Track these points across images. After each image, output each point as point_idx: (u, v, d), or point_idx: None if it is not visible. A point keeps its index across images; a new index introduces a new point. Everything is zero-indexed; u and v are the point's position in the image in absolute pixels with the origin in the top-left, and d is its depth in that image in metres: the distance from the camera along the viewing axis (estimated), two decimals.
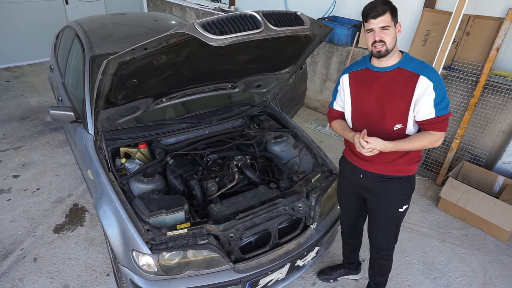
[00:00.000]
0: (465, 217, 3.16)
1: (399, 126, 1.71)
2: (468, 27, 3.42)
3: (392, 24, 1.61)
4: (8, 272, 2.51)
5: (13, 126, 4.35)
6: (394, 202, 1.90)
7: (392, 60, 1.69)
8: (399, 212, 1.91)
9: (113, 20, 3.38)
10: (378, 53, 1.65)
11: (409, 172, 1.86)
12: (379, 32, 1.61)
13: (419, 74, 1.63)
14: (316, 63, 4.94)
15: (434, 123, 1.66)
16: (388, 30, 1.61)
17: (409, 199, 1.92)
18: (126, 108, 2.21)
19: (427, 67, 1.66)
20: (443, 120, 1.66)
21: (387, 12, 1.59)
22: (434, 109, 1.63)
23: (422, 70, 1.63)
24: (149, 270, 1.77)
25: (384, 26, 1.60)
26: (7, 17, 5.91)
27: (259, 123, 2.85)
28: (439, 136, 1.69)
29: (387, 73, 1.70)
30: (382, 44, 1.62)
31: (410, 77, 1.65)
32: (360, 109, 1.82)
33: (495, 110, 3.35)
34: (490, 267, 2.74)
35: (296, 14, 1.78)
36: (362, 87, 1.79)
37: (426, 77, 1.61)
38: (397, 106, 1.68)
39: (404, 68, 1.67)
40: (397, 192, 1.87)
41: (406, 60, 1.69)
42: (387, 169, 1.84)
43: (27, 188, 3.32)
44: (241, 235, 1.91)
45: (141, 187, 2.07)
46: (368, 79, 1.76)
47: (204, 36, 1.49)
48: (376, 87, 1.73)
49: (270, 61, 2.33)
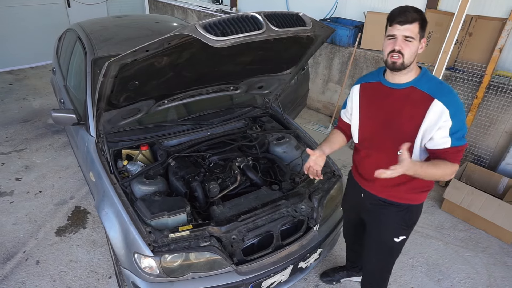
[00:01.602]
0: (469, 219, 3.14)
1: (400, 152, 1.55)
2: (471, 28, 3.41)
3: (418, 37, 1.45)
4: (11, 274, 2.50)
5: (15, 128, 4.36)
6: (390, 230, 1.79)
7: (407, 77, 1.54)
8: (394, 242, 1.80)
9: (115, 23, 3.39)
10: (392, 64, 1.49)
11: (413, 201, 1.72)
12: (401, 41, 1.44)
13: (433, 97, 1.46)
14: (318, 64, 4.94)
15: (450, 153, 1.49)
16: (411, 42, 1.44)
17: (408, 230, 1.79)
18: (128, 110, 2.21)
19: (444, 89, 1.49)
20: (459, 151, 1.50)
21: (417, 22, 1.42)
22: (450, 138, 1.47)
23: (438, 93, 1.47)
24: (151, 273, 1.77)
25: (408, 37, 1.43)
26: (10, 20, 5.93)
27: (261, 125, 2.85)
28: (455, 168, 1.51)
29: (399, 90, 1.55)
30: (399, 56, 1.46)
31: (422, 99, 1.49)
32: (367, 126, 1.71)
33: (499, 110, 3.33)
34: (495, 269, 2.72)
35: (298, 15, 1.77)
36: (371, 102, 1.67)
37: (441, 102, 1.45)
38: (404, 129, 1.54)
39: (418, 88, 1.51)
40: (395, 220, 1.75)
41: (422, 78, 1.53)
42: (389, 194, 1.73)
43: (30, 191, 3.32)
44: (243, 237, 1.90)
45: (143, 189, 2.07)
46: (378, 93, 1.63)
47: (206, 37, 1.48)
48: (385, 104, 1.60)
49: (272, 62, 2.33)
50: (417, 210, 1.77)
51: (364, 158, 1.79)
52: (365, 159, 1.79)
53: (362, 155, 1.81)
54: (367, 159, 1.78)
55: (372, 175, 1.64)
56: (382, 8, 4.24)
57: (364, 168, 1.82)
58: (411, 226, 1.79)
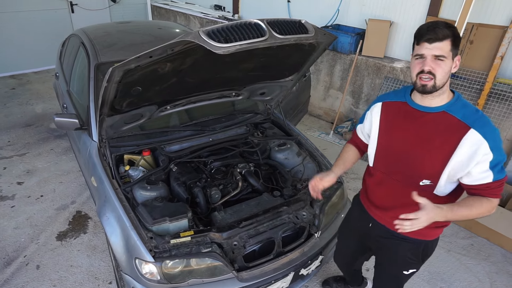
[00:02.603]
0: (471, 226, 3.13)
1: (427, 182, 1.42)
2: (472, 36, 3.43)
3: (450, 55, 1.29)
4: (11, 279, 2.50)
5: (18, 133, 4.37)
6: (400, 264, 1.67)
7: (438, 100, 1.38)
8: (403, 274, 1.70)
9: (118, 28, 3.42)
10: (422, 87, 1.33)
11: (429, 237, 1.58)
12: (431, 61, 1.29)
13: (469, 127, 1.30)
14: (320, 71, 4.95)
15: (492, 188, 1.34)
16: (443, 62, 1.29)
17: (419, 264, 1.66)
18: (131, 116, 2.22)
19: (481, 117, 1.32)
20: (501, 185, 1.34)
21: (448, 39, 1.27)
22: (491, 172, 1.30)
23: (475, 122, 1.30)
24: (152, 279, 1.76)
25: (439, 56, 1.28)
26: (14, 25, 5.98)
27: (262, 131, 2.85)
28: (496, 203, 1.36)
29: (429, 114, 1.39)
30: (430, 77, 1.30)
31: (457, 127, 1.33)
32: (386, 149, 1.55)
33: (500, 118, 3.33)
34: (497, 277, 2.70)
35: (300, 22, 1.78)
36: (394, 123, 1.51)
37: (479, 133, 1.29)
38: (432, 158, 1.38)
39: (451, 114, 1.35)
40: (405, 255, 1.62)
41: (456, 103, 1.37)
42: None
43: (31, 195, 3.32)
44: (244, 243, 1.90)
45: (145, 195, 2.07)
46: (403, 115, 1.47)
47: (209, 44, 1.49)
48: (412, 128, 1.43)
49: (274, 69, 2.34)
50: (433, 245, 1.63)
51: (378, 184, 1.63)
52: (379, 186, 1.63)
53: (375, 180, 1.64)
54: (381, 186, 1.62)
55: (384, 204, 1.58)
56: (384, 16, 4.27)
57: (375, 194, 1.67)
58: (424, 260, 1.67)
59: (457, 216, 1.35)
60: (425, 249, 1.62)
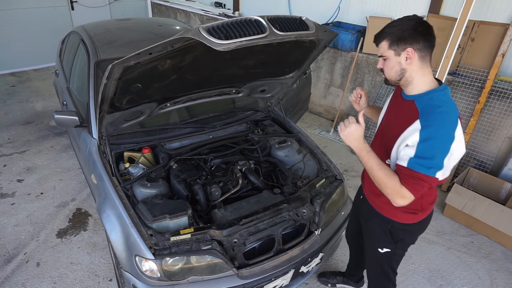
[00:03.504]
0: (471, 224, 3.13)
1: (388, 161, 1.56)
2: (473, 33, 3.42)
3: (391, 54, 1.41)
4: (11, 276, 2.50)
5: (18, 130, 4.37)
6: (374, 239, 1.80)
7: (412, 89, 1.47)
8: (378, 252, 1.79)
9: (118, 26, 3.41)
10: (384, 81, 1.54)
11: (395, 218, 1.66)
12: (380, 60, 1.48)
13: (418, 118, 1.38)
14: (320, 68, 4.94)
15: (402, 174, 1.40)
16: (386, 60, 1.44)
17: (392, 245, 1.74)
18: (130, 113, 2.21)
19: (437, 113, 1.35)
20: (413, 177, 1.37)
21: (384, 41, 1.41)
22: (410, 159, 1.37)
23: (425, 114, 1.37)
24: (152, 276, 1.76)
25: (381, 56, 1.45)
26: (14, 22, 5.96)
27: (263, 128, 2.85)
28: (403, 191, 1.39)
29: (404, 101, 1.51)
30: (382, 73, 1.51)
31: (412, 116, 1.41)
32: (380, 127, 1.72)
33: (501, 116, 3.33)
34: (497, 275, 2.70)
35: (301, 19, 1.78)
36: (390, 106, 1.68)
37: (420, 124, 1.36)
38: (389, 139, 1.52)
39: (415, 104, 1.43)
40: (378, 230, 1.75)
41: (425, 96, 1.43)
42: (374, 201, 1.74)
43: (31, 193, 3.32)
44: (244, 240, 1.89)
45: (145, 192, 2.06)
46: (396, 100, 1.62)
47: (209, 40, 1.48)
48: (393, 110, 1.63)
49: (274, 66, 2.33)
50: (403, 230, 1.69)
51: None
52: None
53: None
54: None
55: (367, 180, 1.72)
56: (384, 13, 4.25)
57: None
58: (398, 242, 1.73)
59: (366, 159, 1.47)
60: (395, 231, 1.70)
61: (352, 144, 1.49)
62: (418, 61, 1.39)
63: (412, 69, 1.41)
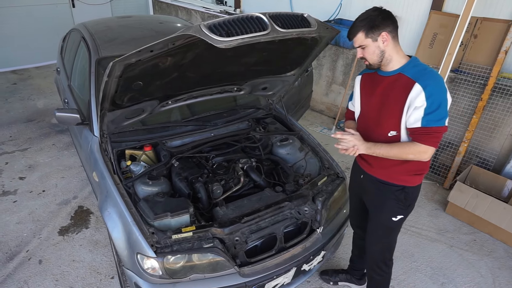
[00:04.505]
0: (473, 222, 3.12)
1: (394, 133, 1.69)
2: (476, 30, 3.39)
3: (369, 41, 1.62)
4: (13, 274, 2.51)
5: (19, 128, 4.38)
6: (388, 210, 1.86)
7: (394, 65, 1.67)
8: (392, 221, 1.86)
9: (119, 23, 3.40)
10: (367, 66, 1.71)
11: (407, 183, 1.80)
12: (359, 51, 1.67)
13: (415, 81, 1.57)
14: (322, 66, 4.92)
15: (418, 134, 1.60)
16: (365, 48, 1.64)
17: (405, 210, 1.85)
18: (132, 111, 2.20)
19: (427, 74, 1.59)
20: (429, 133, 1.58)
21: (359, 33, 1.62)
22: (422, 119, 1.57)
23: (420, 77, 1.58)
24: (154, 274, 1.76)
25: (359, 46, 1.65)
26: (15, 20, 5.97)
27: (264, 126, 2.84)
28: (423, 148, 1.60)
29: (389, 77, 1.69)
30: (365, 60, 1.69)
31: (406, 84, 1.60)
32: (364, 112, 1.84)
33: (504, 113, 3.31)
34: (500, 273, 2.70)
35: (303, 16, 1.77)
36: (368, 90, 1.80)
37: (420, 85, 1.55)
38: (392, 112, 1.66)
39: (404, 74, 1.64)
40: (391, 199, 1.83)
41: (409, 65, 1.65)
42: (384, 174, 1.82)
43: (33, 190, 3.33)
44: (246, 238, 1.89)
45: (146, 190, 2.06)
46: (374, 82, 1.77)
47: (211, 38, 1.47)
48: (378, 91, 1.73)
49: (276, 64, 2.32)
50: (413, 192, 1.84)
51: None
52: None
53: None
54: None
55: (370, 158, 1.81)
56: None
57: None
58: (408, 206, 1.86)
59: (380, 150, 1.68)
60: (406, 195, 1.81)
61: (360, 151, 1.69)
62: (392, 41, 1.63)
63: (389, 48, 1.63)
